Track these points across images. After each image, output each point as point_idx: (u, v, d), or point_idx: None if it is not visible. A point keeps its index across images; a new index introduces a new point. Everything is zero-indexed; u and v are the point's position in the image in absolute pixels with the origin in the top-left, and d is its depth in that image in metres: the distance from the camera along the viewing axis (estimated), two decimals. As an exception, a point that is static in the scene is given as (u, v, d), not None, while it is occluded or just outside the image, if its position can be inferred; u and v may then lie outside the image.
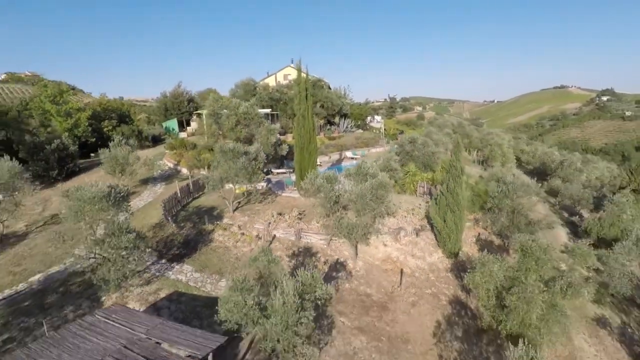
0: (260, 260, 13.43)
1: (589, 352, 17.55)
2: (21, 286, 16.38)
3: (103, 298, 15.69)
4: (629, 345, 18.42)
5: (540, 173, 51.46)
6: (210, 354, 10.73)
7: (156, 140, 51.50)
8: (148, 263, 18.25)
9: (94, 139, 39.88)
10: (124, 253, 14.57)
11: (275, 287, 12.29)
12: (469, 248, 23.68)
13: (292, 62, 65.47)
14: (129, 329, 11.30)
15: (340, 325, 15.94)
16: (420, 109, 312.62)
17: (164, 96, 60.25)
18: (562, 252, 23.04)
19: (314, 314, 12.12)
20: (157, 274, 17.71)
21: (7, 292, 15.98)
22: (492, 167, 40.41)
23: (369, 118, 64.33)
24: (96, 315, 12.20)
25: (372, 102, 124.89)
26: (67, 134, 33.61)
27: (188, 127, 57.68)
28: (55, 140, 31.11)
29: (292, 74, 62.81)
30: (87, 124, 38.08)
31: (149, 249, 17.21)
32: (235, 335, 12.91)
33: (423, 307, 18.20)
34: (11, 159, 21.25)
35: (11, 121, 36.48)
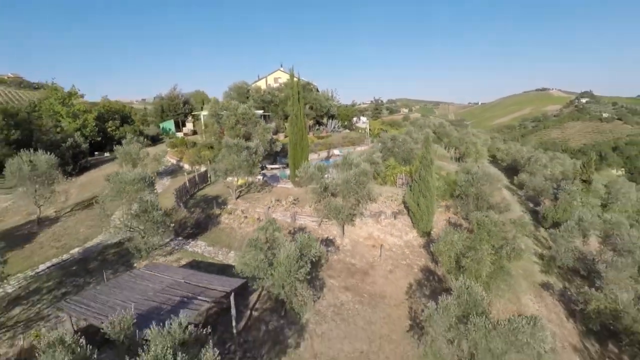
0: (267, 228, 16.98)
1: (532, 308, 21.41)
2: (65, 256, 19.73)
3: (135, 264, 19.07)
4: (567, 304, 22.37)
5: (513, 169, 55.87)
6: (232, 293, 14.27)
7: (154, 140, 54.47)
8: (167, 239, 21.66)
9: (100, 138, 42.89)
10: (154, 226, 18.00)
11: (279, 250, 15.88)
12: (440, 230, 27.49)
13: (281, 66, 69.11)
14: (169, 277, 14.78)
15: (330, 285, 19.60)
16: (406, 110, 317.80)
17: (160, 98, 63.25)
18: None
19: (310, 269, 15.72)
20: (177, 247, 21.18)
21: (54, 260, 19.32)
22: (466, 162, 44.50)
23: (355, 119, 68.12)
24: (141, 270, 15.65)
25: (359, 104, 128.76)
26: (78, 133, 36.59)
27: (184, 128, 60.83)
28: (69, 139, 34.17)
29: (282, 77, 66.53)
30: (94, 124, 41.07)
31: (172, 224, 20.60)
32: (249, 285, 16.41)
33: (398, 273, 21.93)
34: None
35: (22, 122, 39.24)
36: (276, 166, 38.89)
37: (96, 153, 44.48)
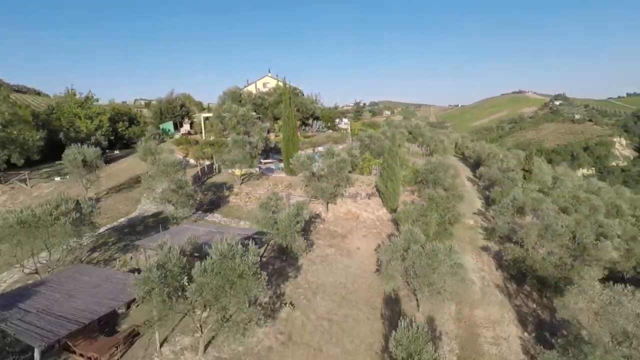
0: (272, 198, 23.36)
1: (471, 262, 28.27)
2: (115, 223, 25.77)
3: (171, 229, 25.17)
4: (498, 260, 29.20)
5: (478, 164, 63.43)
6: (252, 238, 20.57)
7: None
8: (191, 213, 27.81)
9: (112, 138, 48.49)
10: (186, 199, 24.22)
11: (281, 212, 22.28)
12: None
13: (269, 72, 75.77)
14: (206, 228, 21.04)
15: (318, 243, 26.04)
16: (388, 113, 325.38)
17: (159, 101, 68.96)
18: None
19: (303, 231, 22.11)
20: (199, 218, 27.38)
21: (108, 226, 25.37)
22: (433, 157, 51.53)
23: (337, 120, 74.81)
24: (183, 225, 21.86)
25: (342, 107, 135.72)
26: (99, 132, 42.26)
27: (181, 128, 66.53)
28: (92, 137, 39.85)
29: (271, 82, 73.11)
30: (108, 124, 46.70)
31: (199, 198, 26.78)
32: (258, 239, 22.68)
33: (370, 237, 28.52)
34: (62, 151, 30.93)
35: (45, 123, 44.67)
36: (269, 160, 45.20)
37: (107, 151, 49.97)
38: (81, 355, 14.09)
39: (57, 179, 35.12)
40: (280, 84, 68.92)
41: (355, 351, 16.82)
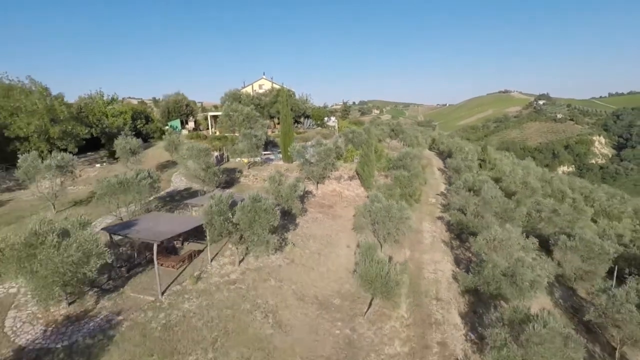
0: (276, 174, 31.85)
1: (427, 226, 37.04)
2: (158, 195, 33.99)
3: (207, 194, 33.48)
4: (449, 226, 37.95)
5: (449, 157, 72.69)
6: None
7: (168, 135, 67.74)
8: (212, 189, 36.13)
9: (134, 133, 56.43)
10: (212, 176, 32.64)
11: (284, 185, 30.80)
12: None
13: (264, 74, 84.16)
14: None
15: (310, 210, 34.59)
16: (377, 111, 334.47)
17: (167, 101, 76.99)
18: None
19: (299, 201, 30.66)
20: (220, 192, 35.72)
21: (154, 196, 33.57)
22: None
23: (326, 118, 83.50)
24: (214, 192, 30.28)
25: (331, 106, 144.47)
26: (127, 127, 50.25)
27: (186, 125, 74.56)
28: (121, 132, 47.86)
29: (266, 84, 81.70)
30: (131, 121, 54.67)
31: (221, 176, 35.22)
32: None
33: (350, 208, 37.10)
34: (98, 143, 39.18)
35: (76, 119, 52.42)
36: (268, 152, 53.67)
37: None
38: (161, 264, 22.51)
39: (98, 165, 43.20)
40: (275, 86, 77.62)
41: (336, 270, 25.48)
